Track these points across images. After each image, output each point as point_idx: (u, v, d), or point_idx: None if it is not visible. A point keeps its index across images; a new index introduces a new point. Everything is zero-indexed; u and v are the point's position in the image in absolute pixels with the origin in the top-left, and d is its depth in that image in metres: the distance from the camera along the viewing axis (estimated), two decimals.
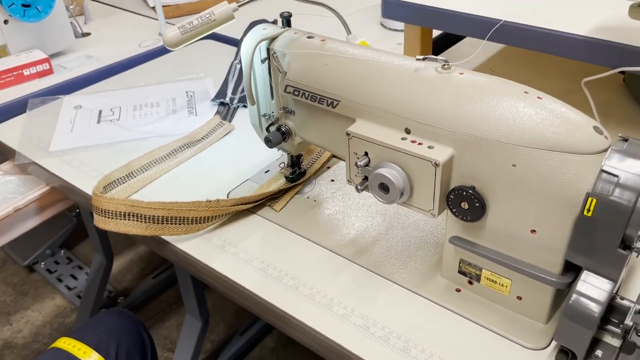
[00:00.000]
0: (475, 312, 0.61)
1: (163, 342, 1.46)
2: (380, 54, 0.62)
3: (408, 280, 0.65)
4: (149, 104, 1.05)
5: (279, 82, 0.69)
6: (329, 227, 0.74)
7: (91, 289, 1.42)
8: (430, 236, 0.72)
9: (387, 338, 0.59)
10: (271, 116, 0.74)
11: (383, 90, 0.59)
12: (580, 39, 0.78)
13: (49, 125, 1.00)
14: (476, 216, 0.56)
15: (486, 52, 1.19)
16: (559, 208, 0.51)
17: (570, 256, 0.53)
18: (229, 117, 1.00)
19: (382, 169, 0.58)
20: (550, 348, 0.57)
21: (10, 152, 0.96)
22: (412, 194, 0.58)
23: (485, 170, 0.54)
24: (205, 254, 0.71)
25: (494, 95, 0.53)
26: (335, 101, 0.63)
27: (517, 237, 0.55)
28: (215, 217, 0.74)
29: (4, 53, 1.17)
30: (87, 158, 0.91)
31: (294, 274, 0.67)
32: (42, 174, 0.92)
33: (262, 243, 0.72)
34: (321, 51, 0.65)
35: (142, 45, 1.29)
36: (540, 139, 0.50)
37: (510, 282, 0.59)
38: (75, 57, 1.25)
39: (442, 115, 0.55)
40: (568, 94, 0.58)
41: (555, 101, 0.53)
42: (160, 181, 0.85)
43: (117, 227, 0.72)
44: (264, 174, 0.84)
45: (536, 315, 0.59)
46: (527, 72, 1.12)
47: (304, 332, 0.61)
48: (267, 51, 0.69)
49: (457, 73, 0.57)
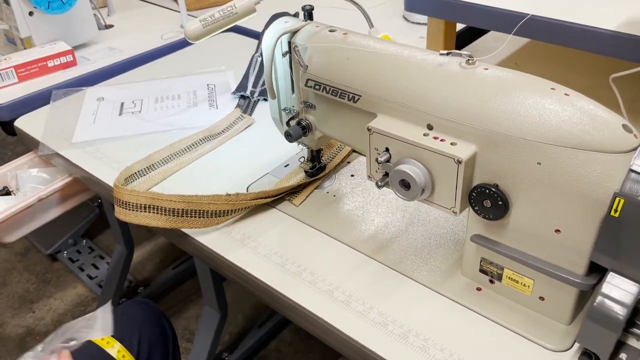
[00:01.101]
0: (496, 312, 0.60)
1: (182, 332, 1.47)
2: (403, 48, 0.61)
3: (428, 278, 0.65)
4: (170, 97, 1.05)
5: (300, 76, 0.69)
6: (349, 223, 0.73)
7: (112, 279, 1.44)
8: (451, 234, 0.71)
9: (405, 336, 0.58)
10: (292, 110, 0.73)
11: (405, 85, 0.58)
12: (609, 33, 0.76)
13: (72, 117, 1.01)
14: (499, 215, 0.55)
15: (510, 47, 1.17)
16: (584, 208, 0.50)
17: (595, 257, 0.51)
18: (250, 111, 1.00)
19: (404, 165, 0.57)
20: (573, 350, 0.56)
21: (34, 143, 0.97)
22: (433, 191, 0.58)
23: (509, 168, 0.53)
24: (224, 248, 0.71)
25: (520, 92, 0.52)
26: (357, 96, 0.63)
27: (541, 237, 0.54)
28: (234, 210, 0.74)
29: (29, 44, 1.19)
30: (109, 149, 0.91)
31: (312, 269, 0.67)
32: (64, 165, 0.93)
33: (281, 237, 0.72)
34: (343, 45, 0.64)
35: (164, 37, 1.30)
36: (567, 136, 0.49)
37: (533, 282, 0.58)
38: (98, 49, 1.26)
39: (466, 111, 0.54)
40: (594, 90, 0.57)
41: (583, 98, 0.52)
42: (180, 174, 0.85)
43: (138, 219, 0.72)
44: (284, 168, 0.84)
45: (559, 316, 0.58)
46: (552, 67, 1.10)
47: (322, 328, 0.61)
48: (288, 45, 0.69)
49: (481, 68, 0.55)
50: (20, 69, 1.11)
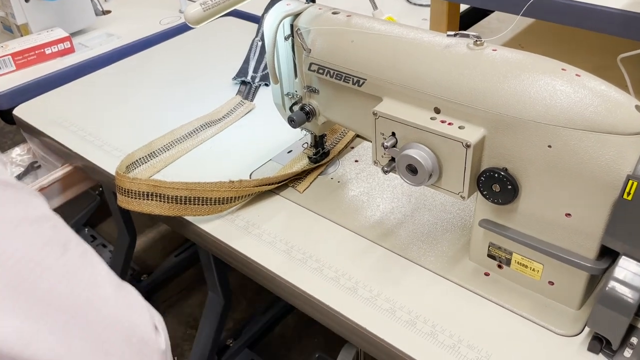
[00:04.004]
0: (505, 297, 0.59)
1: (186, 319, 1.47)
2: (408, 30, 0.60)
3: (435, 264, 0.64)
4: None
5: (303, 59, 0.67)
6: (354, 209, 0.72)
7: (115, 267, 1.44)
8: (458, 218, 0.70)
9: (413, 322, 0.58)
10: (295, 95, 0.72)
11: (411, 67, 0.57)
12: (617, 12, 0.74)
13: (72, 104, 0.99)
14: (508, 199, 0.54)
15: (514, 27, 1.15)
16: (596, 191, 0.49)
17: (607, 241, 0.51)
18: (251, 97, 0.99)
19: (410, 150, 0.56)
20: (583, 335, 0.55)
21: (34, 131, 0.96)
22: (441, 175, 0.57)
23: (519, 151, 0.51)
24: (228, 235, 0.70)
25: (530, 73, 0.50)
26: (362, 79, 0.61)
27: (551, 221, 0.53)
28: (238, 197, 0.73)
29: (26, 32, 1.17)
30: (110, 137, 0.90)
31: (318, 256, 0.66)
32: (65, 153, 0.92)
33: (285, 224, 0.71)
34: (347, 27, 0.63)
35: (162, 22, 1.28)
36: (578, 118, 0.48)
37: (542, 266, 0.57)
38: (96, 36, 1.24)
39: (474, 94, 0.52)
40: (601, 70, 0.55)
41: (595, 79, 0.50)
42: (182, 161, 0.84)
43: (140, 207, 0.71)
44: (287, 154, 0.83)
45: (568, 301, 0.57)
46: (558, 47, 1.08)
47: (329, 316, 0.61)
48: (290, 28, 0.67)
49: (490, 50, 0.54)
50: (18, 57, 1.10)
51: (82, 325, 0.47)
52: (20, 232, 0.46)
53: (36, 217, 0.48)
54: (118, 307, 0.50)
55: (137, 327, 0.51)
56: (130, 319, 0.50)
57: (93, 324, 0.48)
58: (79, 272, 0.49)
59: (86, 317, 0.48)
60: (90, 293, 0.49)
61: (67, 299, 0.47)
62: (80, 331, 0.47)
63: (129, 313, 0.51)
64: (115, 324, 0.49)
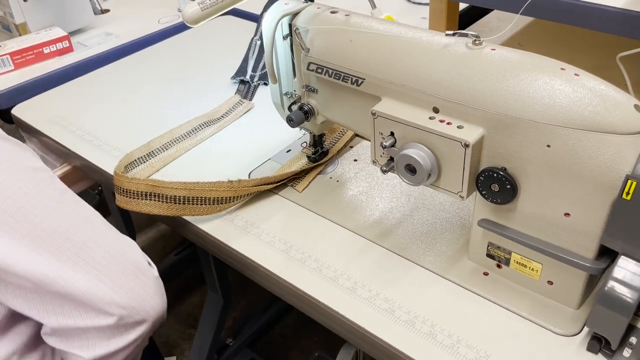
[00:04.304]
0: (504, 297, 0.59)
1: (186, 318, 1.47)
2: (407, 29, 0.60)
3: (434, 263, 0.64)
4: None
5: (302, 59, 0.67)
6: (352, 208, 0.72)
7: None
8: (457, 218, 0.70)
9: (412, 322, 0.58)
10: (293, 95, 0.72)
11: (410, 67, 0.57)
12: (617, 11, 0.74)
13: (71, 104, 0.99)
14: (507, 199, 0.54)
15: (513, 27, 1.15)
16: (595, 191, 0.49)
17: (606, 241, 0.51)
18: (250, 96, 0.99)
19: (409, 149, 0.56)
20: (582, 334, 0.55)
21: (32, 131, 0.96)
22: (439, 175, 0.57)
23: (518, 151, 0.51)
24: (227, 235, 0.70)
25: (529, 73, 0.50)
26: (360, 79, 0.61)
27: (550, 221, 0.53)
28: (237, 197, 0.73)
29: (24, 31, 1.17)
30: (108, 137, 0.90)
31: (317, 256, 0.66)
32: (63, 152, 0.91)
33: (284, 224, 0.71)
34: (345, 27, 0.63)
35: (161, 21, 1.28)
36: (577, 118, 0.48)
37: (541, 266, 0.57)
38: (94, 35, 1.24)
39: (473, 93, 0.52)
40: (601, 70, 0.55)
41: (594, 78, 0.50)
42: (180, 160, 0.84)
43: (139, 207, 0.71)
44: (286, 153, 0.83)
45: (567, 301, 0.57)
46: (557, 46, 1.08)
47: (328, 316, 0.61)
48: (289, 27, 0.67)
49: (488, 49, 0.54)
50: (16, 56, 1.09)
51: (84, 252, 0.56)
52: (28, 175, 0.56)
53: (37, 167, 0.59)
54: (114, 240, 0.59)
55: (132, 257, 0.59)
56: (124, 249, 0.59)
57: (94, 251, 0.57)
58: (78, 210, 0.59)
59: (87, 246, 0.56)
60: (89, 228, 0.58)
61: (70, 230, 0.56)
62: (81, 256, 0.56)
63: (124, 246, 0.60)
64: (113, 252, 0.58)
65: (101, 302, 0.55)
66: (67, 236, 0.56)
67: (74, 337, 0.57)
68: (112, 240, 0.59)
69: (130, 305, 0.57)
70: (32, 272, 0.54)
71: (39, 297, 0.55)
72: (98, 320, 0.56)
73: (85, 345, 0.57)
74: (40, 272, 0.54)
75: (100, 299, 0.55)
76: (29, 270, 0.54)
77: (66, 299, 0.55)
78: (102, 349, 0.57)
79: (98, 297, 0.55)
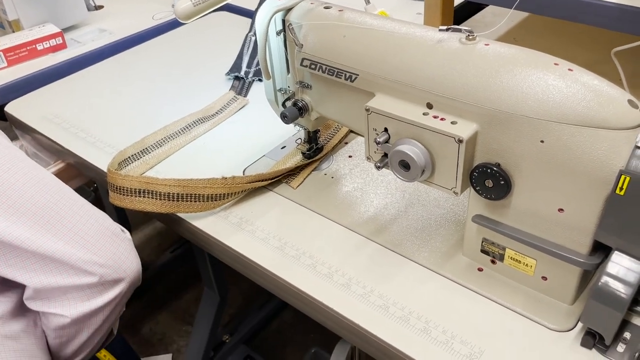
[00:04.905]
0: (498, 292, 0.59)
1: (182, 315, 1.47)
2: (401, 25, 0.59)
3: (428, 259, 0.64)
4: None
5: (295, 55, 0.67)
6: (347, 205, 0.72)
7: None
8: (452, 214, 0.70)
9: (407, 319, 0.58)
10: (287, 91, 0.72)
11: (404, 63, 0.57)
12: (612, 6, 0.74)
13: (64, 101, 0.99)
14: (501, 194, 0.54)
15: (508, 21, 1.15)
16: (589, 186, 0.49)
17: (600, 236, 0.50)
18: (244, 92, 0.98)
19: (403, 145, 0.56)
20: (576, 330, 0.55)
21: (26, 128, 0.96)
22: (433, 171, 0.56)
23: (512, 146, 0.51)
24: (221, 232, 0.70)
25: (522, 68, 0.50)
26: (354, 75, 0.61)
27: (544, 216, 0.53)
28: (231, 194, 0.73)
29: (17, 28, 1.16)
30: (102, 134, 0.90)
31: (311, 253, 0.66)
32: (57, 150, 0.91)
33: (279, 221, 0.71)
34: (339, 22, 0.62)
35: (155, 17, 1.27)
36: (571, 113, 0.48)
37: (535, 262, 0.57)
38: (88, 31, 1.23)
39: (467, 89, 0.52)
40: (594, 65, 0.55)
41: (588, 73, 0.50)
42: (175, 157, 0.84)
43: (133, 204, 0.71)
44: (280, 150, 0.82)
45: (562, 296, 0.57)
46: (551, 41, 1.08)
47: (322, 312, 0.61)
48: (282, 23, 0.67)
49: (482, 44, 0.54)
50: (9, 53, 1.09)
51: (63, 220, 0.60)
52: (1, 152, 0.59)
53: (8, 145, 0.62)
54: (89, 209, 0.63)
55: (106, 223, 0.64)
56: (98, 217, 0.63)
57: (72, 219, 0.60)
58: (52, 183, 0.62)
59: (65, 214, 0.60)
60: (64, 199, 0.61)
61: (48, 201, 0.60)
62: (61, 224, 0.59)
63: (98, 214, 0.64)
64: (89, 219, 0.62)
65: (81, 261, 0.59)
66: (46, 206, 0.59)
67: (56, 298, 0.61)
68: (87, 209, 0.63)
69: (108, 264, 0.61)
70: (14, 238, 0.57)
71: (20, 259, 0.58)
72: (79, 279, 0.59)
73: (67, 305, 0.61)
74: (22, 239, 0.57)
75: (80, 258, 0.59)
76: (10, 238, 0.57)
77: (48, 259, 0.59)
78: (83, 307, 0.61)
79: (78, 257, 0.59)
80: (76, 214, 0.61)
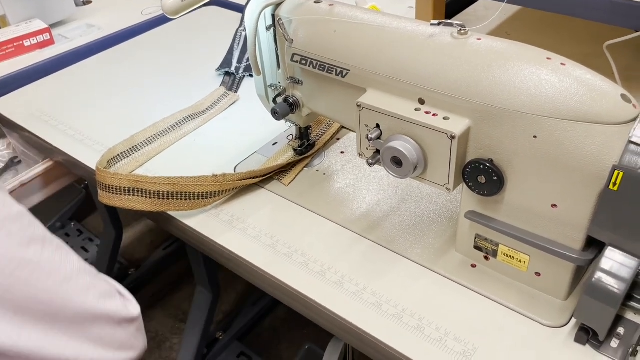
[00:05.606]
0: (492, 289, 0.59)
1: (175, 312, 1.46)
2: (392, 19, 0.59)
3: (421, 256, 0.63)
4: None
5: (286, 50, 0.66)
6: (339, 202, 0.72)
7: (102, 262, 1.42)
8: (445, 210, 0.69)
9: (400, 316, 0.57)
10: (278, 87, 0.71)
11: (395, 58, 0.56)
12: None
13: (52, 98, 0.97)
14: (494, 190, 0.53)
15: (500, 15, 1.14)
16: (582, 182, 0.48)
17: (593, 232, 0.50)
18: (235, 88, 0.97)
19: (395, 142, 0.55)
20: (570, 326, 0.55)
21: (13, 126, 0.94)
22: (426, 167, 0.56)
23: (504, 142, 0.51)
24: (212, 230, 0.69)
25: (515, 62, 0.50)
26: (345, 70, 0.60)
27: (537, 212, 0.53)
28: (222, 192, 0.72)
29: (4, 24, 1.14)
30: (91, 131, 0.88)
31: (304, 250, 0.65)
32: (45, 148, 0.90)
33: (270, 218, 0.70)
34: (329, 17, 0.62)
35: (144, 13, 1.26)
36: (564, 108, 0.47)
37: (529, 258, 0.57)
38: (76, 27, 1.21)
39: (459, 84, 0.52)
40: (586, 58, 0.54)
41: (580, 67, 0.50)
42: (165, 154, 0.83)
43: (122, 202, 0.70)
44: (272, 146, 0.82)
45: (555, 292, 0.57)
46: (544, 35, 1.07)
47: (315, 310, 0.60)
48: (272, 18, 0.66)
49: (474, 39, 0.53)
50: None
51: (66, 317, 0.49)
52: (7, 232, 0.46)
53: (16, 213, 0.48)
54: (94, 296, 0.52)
55: (113, 307, 0.53)
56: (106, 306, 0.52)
57: (76, 315, 0.50)
58: (59, 266, 0.50)
59: (68, 310, 0.49)
60: (69, 286, 0.50)
61: (51, 293, 0.48)
62: (64, 323, 0.49)
63: (105, 302, 0.53)
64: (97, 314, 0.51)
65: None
66: (52, 303, 0.49)
67: None
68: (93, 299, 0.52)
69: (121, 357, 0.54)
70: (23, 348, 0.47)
71: None
72: None
73: None
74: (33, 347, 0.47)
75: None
76: (19, 346, 0.47)
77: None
78: None
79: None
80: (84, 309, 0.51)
